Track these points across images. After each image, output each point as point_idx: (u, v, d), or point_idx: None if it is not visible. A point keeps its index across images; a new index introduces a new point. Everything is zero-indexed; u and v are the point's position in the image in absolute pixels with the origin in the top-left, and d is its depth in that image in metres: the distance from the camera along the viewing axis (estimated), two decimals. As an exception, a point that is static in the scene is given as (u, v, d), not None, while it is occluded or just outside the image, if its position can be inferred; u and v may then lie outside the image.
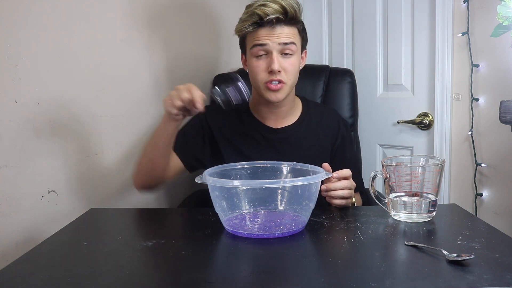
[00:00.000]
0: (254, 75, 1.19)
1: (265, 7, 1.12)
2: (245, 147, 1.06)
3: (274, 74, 1.15)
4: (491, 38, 1.49)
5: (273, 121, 1.28)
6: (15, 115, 1.14)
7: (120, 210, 1.20)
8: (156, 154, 1.14)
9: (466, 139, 1.62)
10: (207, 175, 0.91)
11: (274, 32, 1.14)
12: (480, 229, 0.89)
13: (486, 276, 0.66)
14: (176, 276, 0.72)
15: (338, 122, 1.33)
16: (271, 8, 1.11)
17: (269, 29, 1.14)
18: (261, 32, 1.14)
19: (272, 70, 1.14)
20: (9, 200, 1.14)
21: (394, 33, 1.75)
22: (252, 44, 1.16)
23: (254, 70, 1.18)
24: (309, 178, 0.88)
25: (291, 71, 1.17)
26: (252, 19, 1.14)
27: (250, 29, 1.15)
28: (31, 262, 0.78)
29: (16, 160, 1.15)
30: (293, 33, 1.16)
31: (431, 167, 0.93)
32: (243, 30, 1.17)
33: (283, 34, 1.14)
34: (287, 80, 1.17)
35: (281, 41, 1.14)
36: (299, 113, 1.31)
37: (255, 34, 1.15)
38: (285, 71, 1.16)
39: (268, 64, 1.15)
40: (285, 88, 1.17)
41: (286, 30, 1.15)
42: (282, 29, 1.14)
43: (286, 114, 1.28)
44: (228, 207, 0.91)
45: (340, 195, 1.02)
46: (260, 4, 1.13)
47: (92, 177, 1.34)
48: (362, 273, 0.71)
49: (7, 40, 1.11)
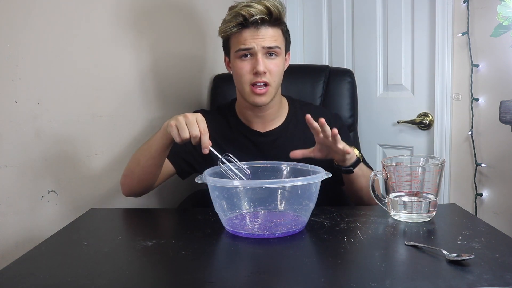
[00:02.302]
0: (239, 77, 1.18)
1: (249, 7, 1.11)
2: (234, 152, 1.04)
3: (259, 76, 1.14)
4: (491, 38, 1.49)
5: (260, 125, 1.27)
6: (15, 115, 1.14)
7: (120, 210, 1.20)
8: (151, 163, 1.13)
9: (466, 139, 1.62)
10: (207, 175, 0.91)
11: (259, 33, 1.13)
12: (480, 229, 0.89)
13: (486, 276, 0.66)
14: (176, 276, 0.72)
15: (328, 119, 1.29)
16: (256, 8, 1.11)
17: (253, 30, 1.13)
18: (245, 33, 1.14)
19: (257, 72, 1.13)
20: (9, 200, 1.14)
21: (394, 33, 1.74)
22: (237, 48, 1.15)
23: (239, 72, 1.17)
24: (309, 178, 0.88)
25: (275, 72, 1.16)
26: (236, 19, 1.13)
27: (234, 30, 1.15)
28: (31, 262, 0.78)
29: (16, 160, 1.15)
30: (277, 35, 1.16)
31: (431, 167, 0.93)
32: (227, 31, 1.16)
33: (268, 37, 1.14)
34: (272, 81, 1.16)
35: (265, 45, 1.14)
36: (285, 114, 1.29)
37: (239, 35, 1.15)
38: (270, 73, 1.15)
39: (253, 66, 1.14)
40: (270, 91, 1.17)
41: (270, 31, 1.14)
42: (266, 31, 1.14)
43: (273, 116, 1.27)
44: (228, 207, 0.91)
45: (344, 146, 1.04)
46: (244, 5, 1.12)
47: (92, 177, 1.34)
48: (362, 273, 0.71)
49: (7, 40, 1.11)
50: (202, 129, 0.98)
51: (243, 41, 1.14)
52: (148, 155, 1.12)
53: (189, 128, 0.97)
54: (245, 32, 1.14)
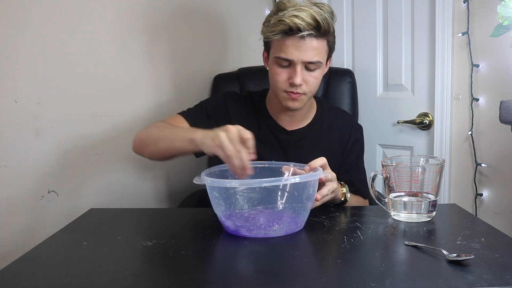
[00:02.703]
0: (274, 82, 1.14)
1: (297, 18, 1.03)
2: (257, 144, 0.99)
3: (294, 87, 1.10)
4: (491, 38, 1.49)
5: (288, 123, 1.24)
6: (15, 115, 1.14)
7: (120, 210, 1.19)
8: (169, 154, 1.09)
9: (466, 139, 1.62)
10: (204, 175, 0.91)
11: (302, 45, 1.06)
12: (480, 229, 0.89)
13: (486, 276, 0.66)
14: (176, 276, 0.72)
15: (350, 126, 1.30)
16: (304, 22, 1.03)
17: (297, 40, 1.06)
18: (288, 42, 1.06)
19: (293, 84, 1.09)
20: (9, 200, 1.14)
21: (394, 33, 1.74)
22: (277, 55, 1.10)
23: (275, 77, 1.13)
24: (307, 176, 0.88)
25: (312, 84, 1.12)
26: (281, 27, 1.05)
27: (277, 38, 1.08)
28: (31, 262, 0.78)
29: (16, 160, 1.15)
30: (321, 47, 1.09)
31: (431, 167, 0.93)
32: (270, 37, 1.09)
33: (311, 49, 1.07)
34: (308, 91, 1.13)
35: (306, 60, 1.07)
36: (313, 115, 1.27)
37: (281, 43, 1.08)
38: (306, 83, 1.11)
39: (290, 75, 1.10)
40: (304, 99, 1.14)
41: (315, 43, 1.07)
42: (311, 42, 1.07)
43: (301, 117, 1.25)
44: (226, 207, 0.90)
45: (329, 198, 0.98)
46: (292, 15, 1.03)
47: (92, 177, 1.34)
48: (362, 273, 0.71)
49: (7, 40, 1.11)
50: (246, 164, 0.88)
51: (284, 50, 1.08)
52: (168, 146, 1.06)
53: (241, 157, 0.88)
54: (288, 40, 1.07)
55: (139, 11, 1.46)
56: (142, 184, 1.52)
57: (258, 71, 1.57)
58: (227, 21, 1.80)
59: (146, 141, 1.12)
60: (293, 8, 1.05)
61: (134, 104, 1.46)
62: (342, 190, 1.05)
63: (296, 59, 1.07)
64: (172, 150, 1.06)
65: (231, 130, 0.88)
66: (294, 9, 1.04)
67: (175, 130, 1.08)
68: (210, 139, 0.90)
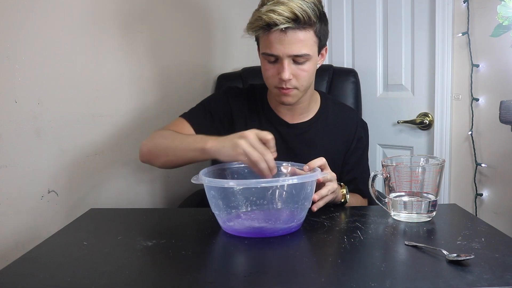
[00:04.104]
0: (265, 78, 1.13)
1: (273, 13, 0.99)
2: None
3: (283, 83, 1.08)
4: (491, 38, 1.49)
5: (289, 116, 1.22)
6: (15, 115, 1.14)
7: (120, 210, 1.19)
8: (180, 163, 1.08)
9: (466, 139, 1.62)
10: (202, 175, 0.90)
11: (285, 38, 1.02)
12: (480, 229, 0.89)
13: (486, 276, 0.66)
14: (176, 276, 0.72)
15: (356, 123, 1.27)
16: (281, 16, 0.99)
17: (279, 34, 1.02)
18: (271, 37, 1.04)
19: (282, 79, 1.07)
20: (9, 200, 1.14)
21: (394, 33, 1.75)
22: (263, 51, 1.08)
23: (265, 74, 1.12)
24: (305, 177, 0.88)
25: (303, 77, 1.08)
26: (259, 23, 1.03)
27: (259, 33, 1.06)
28: (31, 262, 0.78)
29: (16, 160, 1.15)
30: (307, 38, 1.05)
31: (431, 167, 0.93)
32: (253, 34, 1.09)
33: (296, 42, 1.03)
34: (300, 86, 1.10)
35: (292, 53, 1.04)
36: (316, 109, 1.24)
37: (265, 38, 1.06)
38: (297, 78, 1.08)
39: (279, 71, 1.07)
40: (296, 93, 1.11)
41: (299, 35, 1.03)
42: (294, 35, 1.03)
43: (302, 110, 1.22)
44: (224, 207, 0.90)
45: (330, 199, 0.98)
46: (269, 10, 1.00)
47: (92, 177, 1.34)
48: (362, 273, 0.71)
49: (7, 40, 1.11)
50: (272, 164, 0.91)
51: (269, 45, 1.05)
52: (179, 157, 1.05)
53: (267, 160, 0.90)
54: (271, 35, 1.03)
55: (141, 11, 1.46)
56: (142, 184, 1.52)
57: (261, 71, 1.57)
58: (229, 20, 1.80)
59: (155, 152, 1.11)
60: (272, 3, 1.02)
61: (134, 104, 1.46)
62: (342, 191, 1.05)
63: (281, 53, 1.04)
64: (183, 160, 1.05)
65: (249, 136, 0.90)
66: (273, 3, 1.01)
67: (184, 139, 1.07)
68: (230, 148, 0.91)
